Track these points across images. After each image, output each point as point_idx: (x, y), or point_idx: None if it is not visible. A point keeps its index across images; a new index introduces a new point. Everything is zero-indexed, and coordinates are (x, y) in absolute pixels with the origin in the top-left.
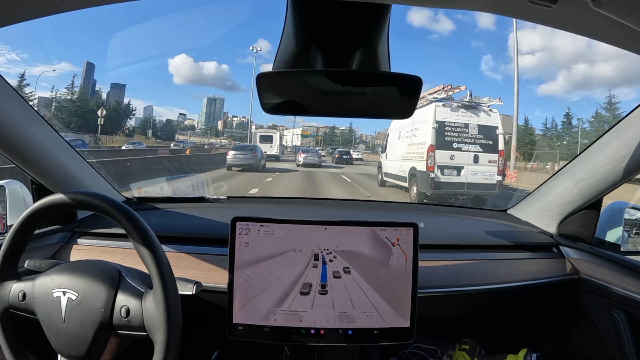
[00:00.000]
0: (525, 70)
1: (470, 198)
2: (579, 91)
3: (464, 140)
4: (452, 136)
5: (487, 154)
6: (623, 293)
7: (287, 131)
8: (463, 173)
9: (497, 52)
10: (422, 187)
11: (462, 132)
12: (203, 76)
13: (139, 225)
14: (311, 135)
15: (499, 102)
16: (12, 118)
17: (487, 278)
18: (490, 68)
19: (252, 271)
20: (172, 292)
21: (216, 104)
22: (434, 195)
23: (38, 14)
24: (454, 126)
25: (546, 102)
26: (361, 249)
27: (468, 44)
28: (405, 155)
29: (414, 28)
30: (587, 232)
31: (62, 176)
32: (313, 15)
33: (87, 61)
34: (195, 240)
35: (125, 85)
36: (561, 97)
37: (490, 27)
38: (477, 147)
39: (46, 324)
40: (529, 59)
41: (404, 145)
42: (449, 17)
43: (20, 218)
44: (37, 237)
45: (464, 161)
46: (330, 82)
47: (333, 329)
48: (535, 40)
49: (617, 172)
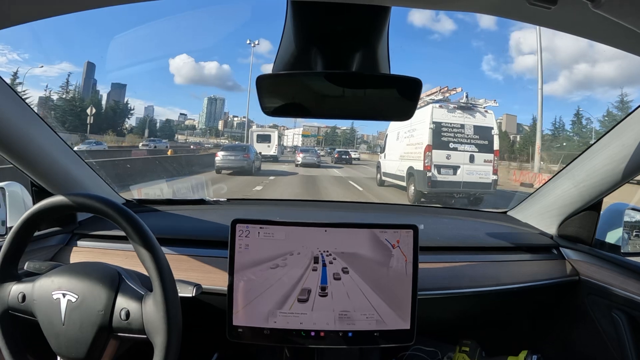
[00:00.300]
0: (526, 70)
1: (466, 197)
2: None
3: (460, 141)
4: (449, 136)
5: (483, 154)
6: (623, 294)
7: (287, 131)
8: (459, 172)
9: (497, 52)
10: (420, 186)
11: (458, 133)
12: (204, 76)
13: (139, 228)
14: (312, 135)
15: (495, 103)
16: (11, 120)
17: (487, 280)
18: (491, 68)
19: (252, 273)
20: (172, 295)
21: (217, 104)
22: (431, 194)
23: (41, 15)
24: (450, 127)
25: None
26: (361, 251)
27: (468, 43)
28: (403, 155)
29: (414, 28)
30: (587, 234)
31: (62, 178)
32: (313, 17)
33: (88, 61)
34: (195, 242)
35: (126, 85)
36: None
37: (490, 27)
38: (473, 147)
39: (46, 326)
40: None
41: (402, 146)
42: (449, 17)
43: (20, 220)
44: (37, 239)
45: (460, 161)
46: (330, 84)
47: (333, 331)
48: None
49: (617, 173)
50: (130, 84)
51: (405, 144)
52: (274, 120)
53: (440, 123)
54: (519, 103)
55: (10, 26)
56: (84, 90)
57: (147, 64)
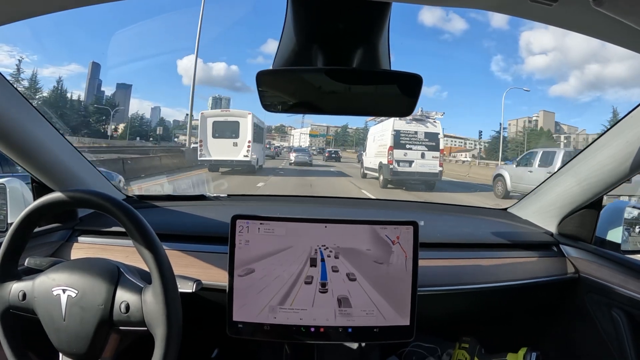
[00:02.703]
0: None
1: (419, 182)
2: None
3: (414, 143)
4: (406, 140)
5: (431, 152)
6: (623, 292)
7: (294, 131)
8: (413, 165)
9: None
10: (386, 175)
11: (412, 137)
12: (212, 77)
13: (139, 223)
14: (321, 135)
15: (441, 115)
16: (12, 116)
17: (487, 277)
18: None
19: (252, 269)
20: (172, 286)
21: (222, 103)
22: (393, 180)
23: (43, 10)
24: (407, 133)
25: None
26: (361, 247)
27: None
28: (377, 153)
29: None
30: (588, 231)
31: (62, 174)
32: (313, 12)
33: (93, 61)
34: (195, 238)
35: (132, 85)
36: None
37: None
38: (424, 147)
39: (47, 323)
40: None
41: (375, 146)
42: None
43: (21, 216)
44: (38, 235)
45: (414, 157)
46: (331, 80)
47: (333, 326)
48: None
49: (619, 170)
50: (137, 84)
51: (378, 144)
52: (281, 121)
53: (399, 130)
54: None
55: (11, 22)
56: (89, 91)
57: (155, 65)
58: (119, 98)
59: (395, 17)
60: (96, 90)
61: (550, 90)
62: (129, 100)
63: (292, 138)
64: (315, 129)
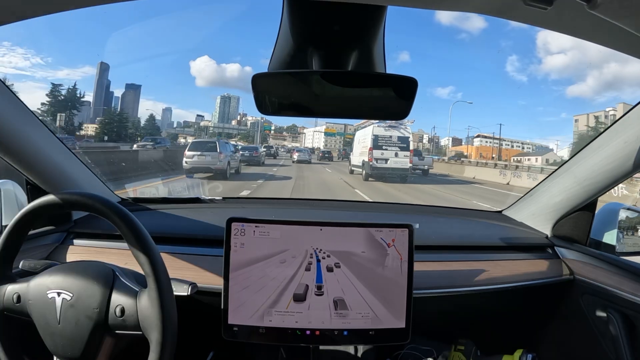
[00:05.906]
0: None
1: (394, 175)
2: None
3: (389, 145)
4: (382, 142)
5: (403, 152)
6: (618, 294)
7: (307, 130)
8: (389, 162)
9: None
10: (367, 170)
11: (388, 140)
12: (226, 79)
13: (134, 226)
14: (338, 134)
15: (411, 122)
16: (7, 118)
17: (482, 279)
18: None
19: (247, 272)
20: (167, 290)
21: (230, 103)
22: (373, 174)
23: (53, 9)
24: (383, 137)
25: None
26: (357, 250)
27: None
28: (360, 153)
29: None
30: (582, 233)
31: (57, 176)
32: (309, 15)
33: (101, 61)
34: (190, 241)
35: (141, 86)
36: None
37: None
38: (397, 148)
39: (41, 326)
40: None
41: (360, 147)
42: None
43: (15, 218)
44: (32, 238)
45: (389, 156)
46: (326, 82)
47: (328, 329)
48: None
49: (616, 172)
50: (147, 85)
51: (361, 146)
52: (294, 121)
53: (377, 135)
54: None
55: (16, 21)
56: (97, 92)
57: (166, 65)
58: (128, 98)
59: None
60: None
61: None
62: (139, 100)
63: (304, 137)
64: (331, 127)
